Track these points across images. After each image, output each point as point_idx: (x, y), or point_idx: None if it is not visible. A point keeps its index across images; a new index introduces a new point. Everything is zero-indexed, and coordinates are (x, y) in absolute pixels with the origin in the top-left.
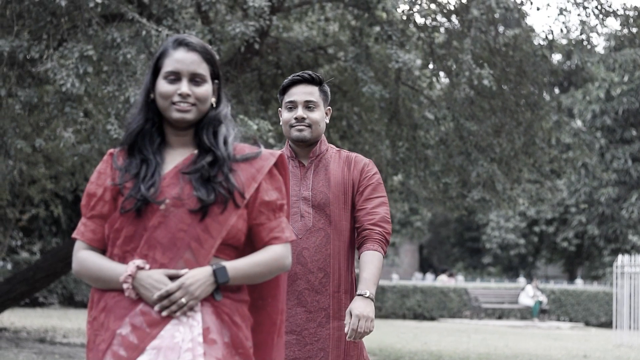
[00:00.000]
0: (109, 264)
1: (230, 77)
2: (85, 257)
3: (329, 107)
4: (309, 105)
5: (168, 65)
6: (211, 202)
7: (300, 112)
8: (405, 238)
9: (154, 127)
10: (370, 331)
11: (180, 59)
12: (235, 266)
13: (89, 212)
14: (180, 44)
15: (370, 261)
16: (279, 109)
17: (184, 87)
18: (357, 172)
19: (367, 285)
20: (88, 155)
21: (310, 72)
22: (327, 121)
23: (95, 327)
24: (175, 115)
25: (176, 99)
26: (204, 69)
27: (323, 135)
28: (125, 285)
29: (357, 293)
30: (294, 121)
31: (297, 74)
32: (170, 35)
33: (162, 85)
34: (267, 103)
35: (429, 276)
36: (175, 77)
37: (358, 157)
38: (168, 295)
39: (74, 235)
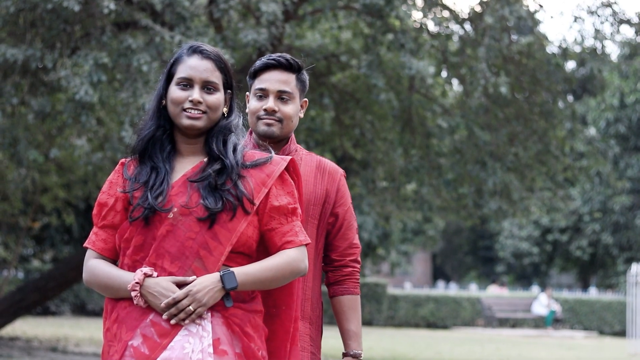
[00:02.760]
0: (118, 272)
1: (242, 85)
2: (95, 266)
3: (305, 99)
4: (282, 97)
5: (181, 72)
6: (219, 210)
7: (271, 103)
8: (418, 246)
9: (165, 134)
10: None
11: (193, 65)
12: (245, 271)
13: (100, 221)
14: (194, 51)
15: (355, 309)
16: (247, 93)
17: (196, 93)
18: (333, 184)
19: (358, 342)
20: (101, 163)
21: (288, 56)
22: (302, 115)
23: (109, 337)
24: (185, 121)
25: (187, 105)
26: (216, 77)
27: (292, 133)
28: (133, 293)
29: (351, 353)
30: (262, 113)
31: (273, 56)
32: (183, 41)
33: (174, 91)
34: None
35: (453, 285)
36: (187, 83)
37: (332, 165)
38: (175, 303)
39: (85, 244)
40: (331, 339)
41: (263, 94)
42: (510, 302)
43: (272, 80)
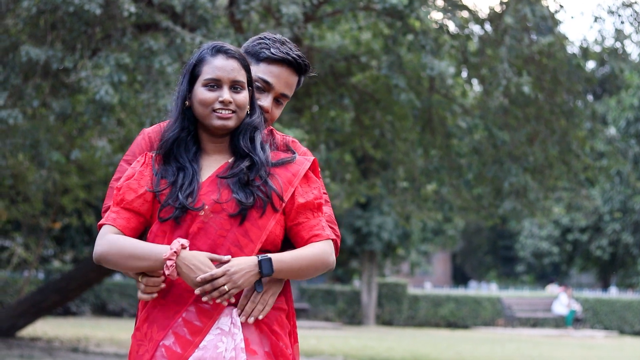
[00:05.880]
0: (146, 243)
1: None
2: (117, 237)
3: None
4: (280, 99)
5: (208, 73)
6: (250, 205)
7: (269, 103)
8: (438, 246)
9: (190, 135)
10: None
11: (220, 66)
12: (281, 258)
13: (126, 204)
14: (218, 51)
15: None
16: None
17: (226, 94)
18: None
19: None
20: None
21: (302, 57)
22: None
23: (139, 337)
24: (217, 122)
25: (217, 106)
26: (242, 76)
27: None
28: (169, 262)
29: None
30: None
31: (292, 53)
32: (204, 42)
33: (203, 93)
34: (300, 112)
35: (484, 285)
36: (215, 84)
37: (297, 144)
38: (212, 279)
39: (102, 222)
40: (338, 338)
41: (264, 88)
42: (530, 302)
43: (282, 79)
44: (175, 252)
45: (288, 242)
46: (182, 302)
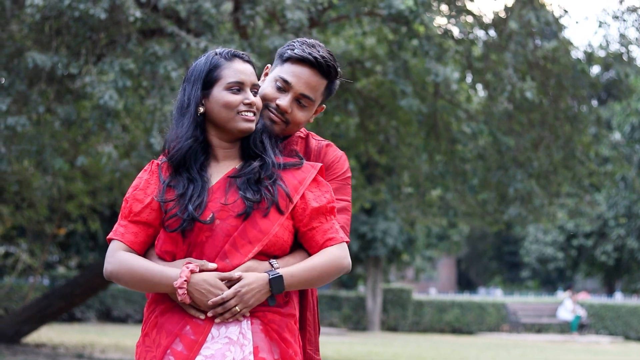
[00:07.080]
0: (158, 267)
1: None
2: (127, 258)
3: (323, 106)
4: (301, 101)
5: (231, 76)
6: (257, 201)
7: (287, 102)
8: (443, 252)
9: (200, 144)
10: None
11: (242, 69)
12: (292, 273)
13: (133, 216)
14: (234, 55)
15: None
16: (267, 65)
17: (251, 96)
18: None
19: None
20: (127, 170)
21: (330, 59)
22: (311, 120)
23: (147, 343)
24: (243, 125)
25: (242, 108)
26: (257, 80)
27: None
28: (180, 291)
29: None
30: (273, 106)
31: (315, 53)
32: (210, 48)
33: (227, 96)
34: None
35: (492, 291)
36: (239, 87)
37: (330, 148)
38: (223, 302)
39: (110, 236)
40: (343, 344)
41: (284, 87)
42: (535, 308)
43: (302, 79)
44: (185, 280)
45: (298, 243)
46: None
